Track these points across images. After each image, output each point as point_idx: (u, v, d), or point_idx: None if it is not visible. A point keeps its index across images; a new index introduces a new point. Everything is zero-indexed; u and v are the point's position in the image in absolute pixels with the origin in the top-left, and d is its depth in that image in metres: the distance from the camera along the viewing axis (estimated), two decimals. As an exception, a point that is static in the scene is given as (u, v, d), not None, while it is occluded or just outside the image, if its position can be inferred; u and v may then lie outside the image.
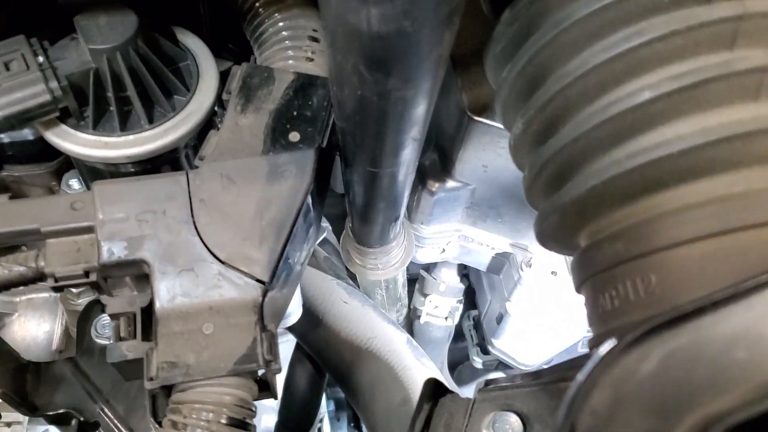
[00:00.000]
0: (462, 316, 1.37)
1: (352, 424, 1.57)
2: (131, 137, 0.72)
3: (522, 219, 1.01)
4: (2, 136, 0.93)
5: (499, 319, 1.17)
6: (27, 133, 0.94)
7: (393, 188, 0.77)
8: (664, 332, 0.38)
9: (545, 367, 0.66)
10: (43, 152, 0.95)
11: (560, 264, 1.04)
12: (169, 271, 0.65)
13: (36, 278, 0.66)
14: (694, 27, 0.47)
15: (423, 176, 0.98)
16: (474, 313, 1.38)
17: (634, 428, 0.35)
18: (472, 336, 1.38)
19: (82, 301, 0.96)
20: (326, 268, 1.12)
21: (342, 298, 1.07)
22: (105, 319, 0.90)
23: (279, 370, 0.64)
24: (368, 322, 1.05)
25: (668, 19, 0.48)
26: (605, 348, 0.39)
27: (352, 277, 1.15)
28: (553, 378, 0.65)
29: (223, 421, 0.61)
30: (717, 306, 0.39)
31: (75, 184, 0.93)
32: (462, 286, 1.26)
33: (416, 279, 1.32)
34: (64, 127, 0.73)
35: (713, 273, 0.45)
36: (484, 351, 1.31)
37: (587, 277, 0.55)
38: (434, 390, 0.68)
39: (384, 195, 0.79)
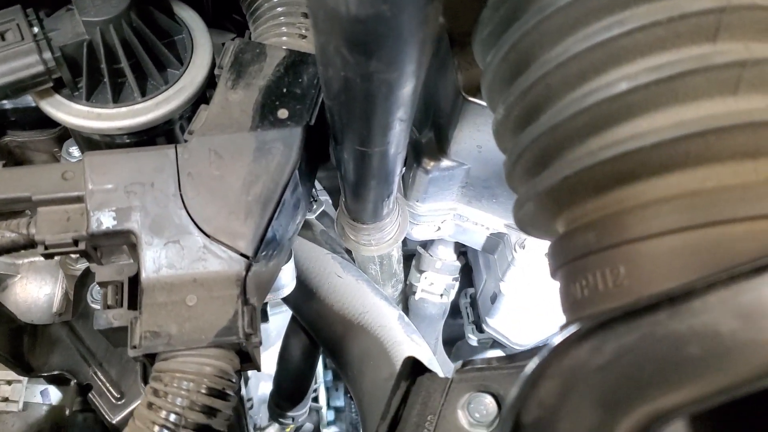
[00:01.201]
0: (459, 294, 1.38)
1: (348, 394, 1.59)
2: (123, 109, 0.73)
3: (517, 200, 1.01)
4: (5, 102, 0.94)
5: (494, 298, 1.18)
6: (29, 100, 0.95)
7: (384, 166, 0.77)
8: (618, 326, 0.39)
9: (521, 350, 0.67)
10: (46, 119, 0.96)
11: (554, 246, 1.04)
12: (156, 242, 0.66)
13: (27, 245, 0.68)
14: (676, 18, 0.47)
15: (419, 154, 0.98)
16: (471, 290, 1.39)
17: (580, 421, 0.36)
18: (468, 314, 1.39)
19: (80, 267, 0.98)
20: (322, 241, 1.13)
21: (336, 272, 1.08)
22: (100, 285, 0.92)
23: (259, 344, 0.65)
24: (361, 296, 1.06)
25: (650, 9, 0.48)
26: (558, 338, 0.39)
27: (348, 251, 1.16)
28: (528, 360, 0.66)
29: (203, 390, 0.62)
30: (673, 302, 0.40)
31: (75, 151, 0.94)
32: (458, 264, 1.27)
33: (413, 255, 1.32)
34: (58, 97, 0.74)
35: (681, 267, 0.46)
36: (480, 329, 1.32)
37: (560, 265, 0.55)
38: (413, 368, 0.69)
39: (375, 173, 0.79)
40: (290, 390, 1.38)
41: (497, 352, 1.47)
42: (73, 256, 0.98)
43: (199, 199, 0.67)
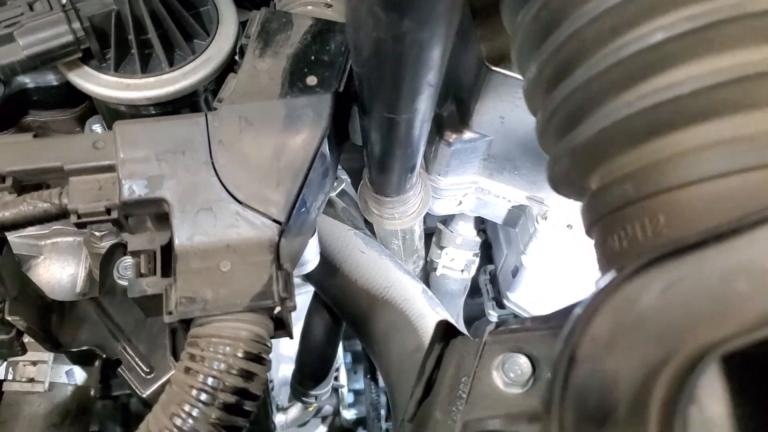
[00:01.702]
0: (478, 271, 1.38)
1: (368, 376, 1.60)
2: (152, 79, 0.74)
3: (538, 172, 1.01)
4: (27, 81, 0.95)
5: (515, 272, 1.18)
6: (52, 79, 0.96)
7: (410, 135, 0.77)
8: (666, 263, 0.39)
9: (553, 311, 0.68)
10: (68, 98, 0.96)
11: (576, 218, 1.05)
12: (188, 209, 0.66)
13: (59, 215, 0.68)
14: (710, -33, 0.47)
15: (440, 127, 0.99)
16: (490, 267, 1.39)
17: (634, 355, 0.36)
18: (488, 290, 1.39)
19: (105, 245, 0.98)
20: (344, 218, 1.13)
21: (359, 247, 1.08)
22: (127, 260, 0.92)
23: (294, 308, 0.66)
24: (385, 271, 1.06)
25: (684, -42, 0.48)
26: (606, 279, 0.39)
27: (370, 228, 1.16)
28: (562, 322, 0.66)
29: (240, 354, 0.63)
30: (720, 239, 0.40)
31: (98, 129, 0.95)
32: (478, 240, 1.27)
33: (433, 234, 1.33)
34: (86, 68, 0.74)
35: (721, 212, 0.46)
36: (500, 305, 1.32)
37: (597, 219, 0.55)
38: (446, 331, 0.70)
39: (401, 142, 0.79)
40: (313, 368, 1.39)
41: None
42: (97, 233, 0.99)
43: (231, 166, 0.68)
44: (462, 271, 1.29)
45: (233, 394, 0.62)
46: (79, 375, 1.11)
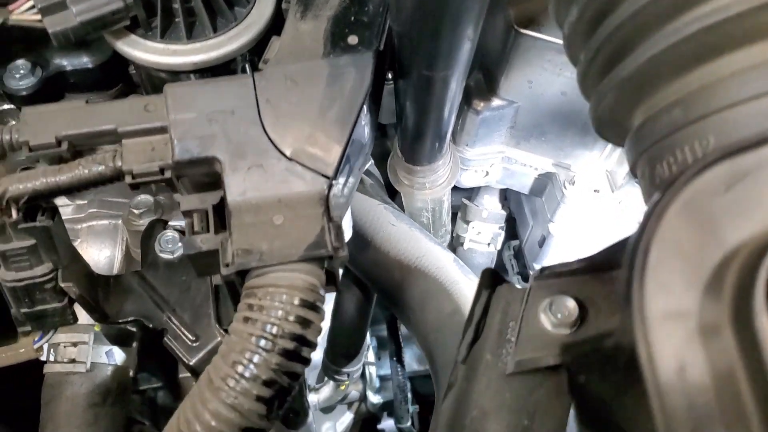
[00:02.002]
0: (502, 247, 1.40)
1: (394, 359, 1.62)
2: (198, 44, 0.76)
3: (565, 137, 1.03)
4: (65, 64, 0.97)
5: (542, 242, 1.20)
6: (87, 61, 0.98)
7: (445, 95, 0.79)
8: (728, 160, 0.41)
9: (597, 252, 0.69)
10: (103, 80, 0.99)
11: (602, 182, 1.06)
12: (240, 167, 0.68)
13: (113, 177, 0.70)
14: None
15: (468, 96, 1.01)
16: (514, 243, 1.41)
17: (704, 247, 0.38)
18: (512, 266, 1.41)
19: (144, 222, 1.00)
20: (373, 194, 1.15)
21: (389, 220, 1.10)
22: (168, 234, 0.94)
23: (346, 258, 0.68)
24: (416, 242, 1.08)
25: None
26: (657, 197, 0.41)
27: (397, 205, 1.18)
28: (606, 266, 0.68)
29: (296, 302, 0.64)
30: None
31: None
32: (504, 213, 1.29)
33: (457, 213, 1.34)
34: (133, 36, 0.76)
35: (770, 129, 0.48)
36: (525, 279, 1.34)
37: (643, 151, 0.57)
38: (492, 279, 0.71)
39: (436, 103, 0.81)
40: (345, 345, 1.40)
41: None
42: (135, 211, 1.01)
43: (279, 123, 0.70)
44: (488, 244, 1.31)
45: (292, 340, 0.64)
46: (119, 355, 1.13)
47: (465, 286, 1.02)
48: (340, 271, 0.72)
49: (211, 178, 0.72)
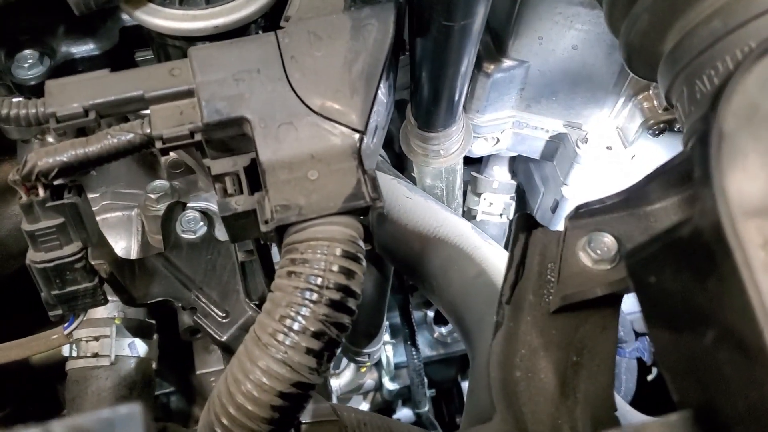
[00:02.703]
0: (511, 220, 1.40)
1: (408, 343, 1.61)
2: (218, 8, 0.76)
3: (576, 95, 1.04)
4: (74, 52, 0.97)
5: (554, 207, 1.20)
6: (94, 48, 0.98)
7: (464, 48, 0.80)
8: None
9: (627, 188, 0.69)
10: (110, 67, 0.98)
11: (614, 138, 1.07)
12: (270, 125, 0.68)
13: (143, 144, 0.70)
14: None
15: (478, 61, 1.01)
16: (523, 215, 1.41)
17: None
18: (523, 237, 1.41)
19: (161, 206, 0.99)
20: (386, 169, 1.15)
21: (404, 194, 1.10)
22: (189, 215, 0.94)
23: (383, 208, 0.67)
24: (432, 212, 1.08)
25: None
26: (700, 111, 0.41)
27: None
28: (639, 202, 0.68)
29: (338, 253, 0.64)
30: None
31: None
32: (513, 183, 1.29)
33: (467, 186, 1.34)
34: (152, 5, 0.76)
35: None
36: (538, 250, 1.34)
37: (681, 69, 0.57)
38: (527, 222, 0.71)
39: (455, 59, 0.81)
40: (365, 325, 1.40)
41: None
42: (152, 196, 1.00)
43: (305, 80, 0.70)
44: (501, 215, 1.31)
45: (337, 290, 0.64)
46: (141, 347, 1.12)
47: (487, 251, 1.02)
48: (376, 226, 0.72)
49: (235, 143, 0.72)
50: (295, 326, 0.63)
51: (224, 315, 0.89)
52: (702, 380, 0.41)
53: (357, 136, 0.68)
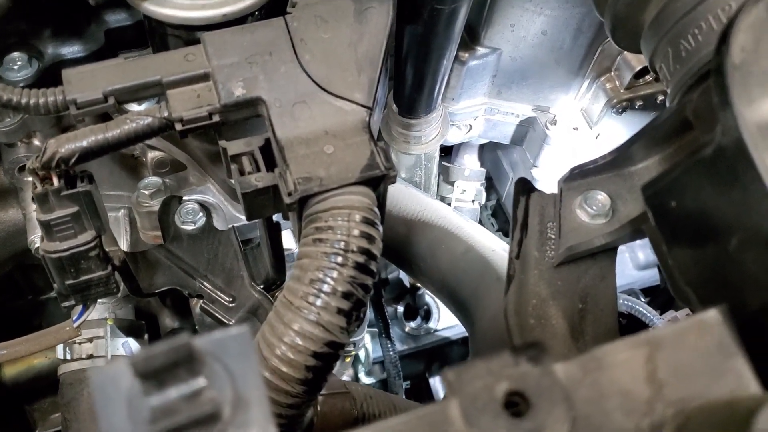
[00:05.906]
0: (480, 208, 1.46)
1: (383, 335, 1.65)
2: (223, -4, 0.79)
3: (545, 79, 1.11)
4: (60, 53, 0.98)
5: (525, 190, 1.27)
6: (80, 50, 1.00)
7: (451, 32, 0.85)
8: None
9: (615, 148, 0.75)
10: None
11: (580, 120, 1.14)
12: (285, 104, 0.72)
13: (162, 128, 0.72)
14: None
15: (452, 51, 1.07)
16: (491, 202, 1.48)
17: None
18: (492, 224, 1.48)
19: (155, 202, 1.01)
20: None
21: (385, 181, 1.15)
22: (188, 206, 0.96)
23: (395, 177, 0.72)
24: (414, 198, 1.13)
25: None
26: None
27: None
28: (624, 163, 0.75)
29: (359, 219, 0.68)
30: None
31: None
32: (483, 170, 1.36)
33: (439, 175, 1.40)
34: (159, -4, 0.79)
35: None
36: (506, 235, 1.41)
37: (665, 33, 0.64)
38: (524, 186, 0.77)
39: (441, 43, 0.87)
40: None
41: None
42: (146, 192, 1.01)
43: (315, 61, 0.74)
44: (473, 201, 1.37)
45: (361, 254, 0.68)
46: (134, 346, 1.13)
47: (470, 229, 1.08)
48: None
49: (249, 126, 0.76)
50: (325, 288, 0.66)
51: (231, 300, 0.91)
52: (728, 283, 0.47)
53: (366, 111, 0.73)
